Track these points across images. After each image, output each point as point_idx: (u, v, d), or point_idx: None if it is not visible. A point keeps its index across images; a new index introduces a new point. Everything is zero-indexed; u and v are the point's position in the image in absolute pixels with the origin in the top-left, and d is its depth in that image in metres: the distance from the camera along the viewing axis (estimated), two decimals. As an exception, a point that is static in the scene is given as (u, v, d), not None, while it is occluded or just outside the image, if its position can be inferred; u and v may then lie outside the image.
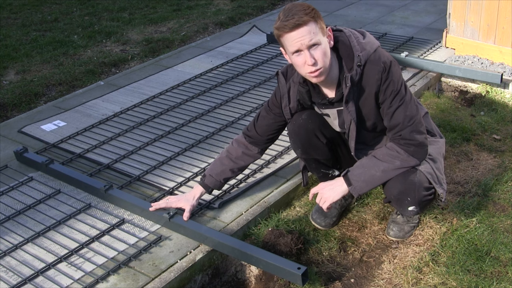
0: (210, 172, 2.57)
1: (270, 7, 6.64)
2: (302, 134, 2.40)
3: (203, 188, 2.59)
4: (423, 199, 2.34)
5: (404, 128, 2.21)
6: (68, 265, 2.38)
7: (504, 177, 2.91)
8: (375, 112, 2.25)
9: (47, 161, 3.02)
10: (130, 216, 2.68)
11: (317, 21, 2.06)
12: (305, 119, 2.39)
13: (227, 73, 4.29)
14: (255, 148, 2.55)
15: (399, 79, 2.19)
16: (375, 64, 2.15)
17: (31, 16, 6.76)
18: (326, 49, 2.10)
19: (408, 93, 2.22)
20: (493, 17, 3.95)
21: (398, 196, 2.35)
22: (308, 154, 2.47)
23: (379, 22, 5.22)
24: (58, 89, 4.62)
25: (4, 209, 2.79)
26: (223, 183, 2.61)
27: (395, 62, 2.21)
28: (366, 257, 2.51)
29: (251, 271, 2.49)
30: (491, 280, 2.25)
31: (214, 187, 2.59)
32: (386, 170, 2.27)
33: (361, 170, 2.30)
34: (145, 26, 6.17)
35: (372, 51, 2.18)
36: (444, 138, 2.56)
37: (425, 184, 2.30)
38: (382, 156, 2.28)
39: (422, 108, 2.49)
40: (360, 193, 2.33)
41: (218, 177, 2.56)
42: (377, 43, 2.22)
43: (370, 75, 2.16)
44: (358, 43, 2.17)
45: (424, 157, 2.29)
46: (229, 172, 2.57)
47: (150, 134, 3.43)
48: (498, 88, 3.87)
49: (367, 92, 2.19)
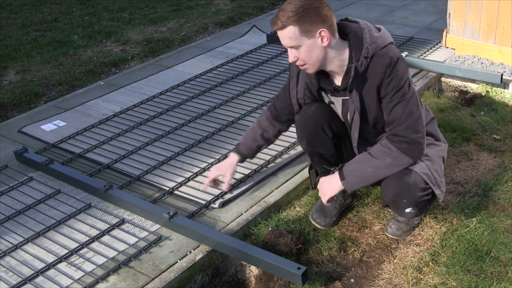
0: (244, 140, 2.67)
1: (270, 7, 6.64)
2: (310, 125, 2.41)
3: (237, 155, 2.66)
4: (419, 200, 2.33)
5: (400, 124, 2.21)
6: (68, 265, 2.38)
7: (504, 177, 2.91)
8: (376, 105, 2.25)
9: (47, 161, 3.02)
10: (130, 216, 2.68)
11: (300, 24, 2.10)
12: (314, 111, 2.40)
13: (227, 73, 4.29)
14: (277, 123, 2.63)
15: (403, 76, 2.19)
16: (381, 57, 2.16)
17: (31, 16, 6.75)
18: (310, 49, 2.15)
19: (411, 92, 2.22)
20: (493, 17, 3.95)
21: (393, 198, 2.35)
22: (313, 146, 2.47)
23: (379, 22, 5.22)
24: (58, 89, 4.62)
25: (4, 209, 2.79)
26: (256, 151, 2.69)
27: (403, 59, 2.21)
28: (366, 257, 2.51)
29: (251, 271, 2.49)
30: (491, 280, 2.25)
31: (248, 154, 2.68)
32: (378, 167, 2.27)
33: (355, 165, 2.31)
34: (145, 26, 6.17)
35: (382, 45, 2.19)
36: (447, 144, 2.54)
37: (421, 184, 2.29)
38: (375, 152, 2.29)
39: (429, 114, 2.49)
40: (353, 189, 2.34)
41: (251, 144, 2.65)
42: (389, 39, 2.24)
43: (375, 68, 2.17)
44: (370, 36, 2.19)
45: (419, 156, 2.28)
46: (260, 139, 2.65)
47: (150, 134, 3.43)
48: (498, 88, 3.87)
49: (370, 84, 2.20)
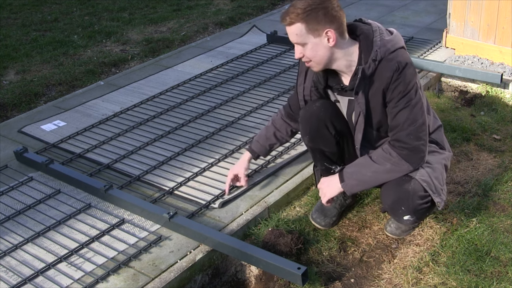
0: (257, 137, 2.72)
1: (270, 7, 6.64)
2: (313, 121, 2.41)
3: (250, 153, 2.71)
4: (418, 208, 2.32)
5: (403, 130, 2.20)
6: (68, 265, 2.38)
7: (504, 177, 2.91)
8: (381, 109, 2.24)
9: (47, 161, 3.02)
10: (130, 216, 2.68)
11: (307, 23, 2.11)
12: (319, 107, 2.39)
13: (227, 73, 4.29)
14: (292, 122, 2.65)
15: (410, 81, 2.16)
16: (390, 62, 2.15)
17: (31, 16, 6.76)
18: (315, 47, 2.16)
19: (417, 98, 2.19)
20: (493, 17, 3.95)
21: (392, 205, 2.35)
22: (315, 143, 2.46)
23: (379, 22, 5.15)
24: (58, 89, 4.62)
25: (4, 209, 2.79)
26: (269, 150, 2.73)
27: (412, 65, 2.19)
28: (366, 257, 2.51)
29: (251, 271, 2.49)
30: (491, 280, 2.25)
31: (260, 152, 2.73)
32: (377, 172, 2.26)
33: (355, 168, 2.31)
34: (145, 26, 6.17)
35: (393, 49, 2.18)
36: (452, 153, 2.52)
37: (420, 192, 2.28)
38: (376, 157, 2.28)
39: (437, 121, 2.47)
40: (352, 192, 2.33)
41: (264, 142, 2.70)
42: (400, 44, 2.22)
43: (383, 72, 2.16)
44: (380, 39, 2.19)
45: (419, 163, 2.26)
46: (273, 137, 2.69)
47: (150, 134, 3.43)
48: (498, 88, 3.87)
49: (377, 87, 2.19)
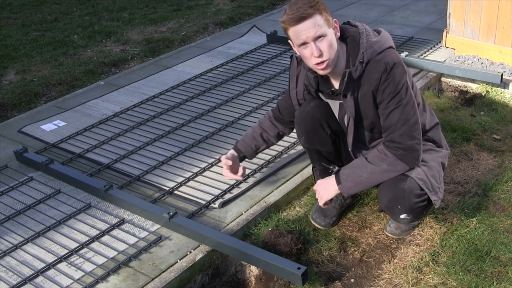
0: (243, 137, 2.66)
1: (270, 7, 6.64)
2: (308, 122, 2.41)
3: (235, 151, 2.64)
4: (414, 206, 2.32)
5: (396, 130, 2.20)
6: (68, 265, 2.38)
7: (504, 177, 2.91)
8: (373, 111, 2.24)
9: (47, 161, 3.02)
10: (130, 216, 2.68)
11: (322, 13, 2.09)
12: (313, 107, 2.40)
13: (227, 73, 4.29)
14: (280, 125, 2.62)
15: (399, 81, 2.16)
16: (377, 63, 2.15)
17: (31, 16, 6.75)
18: (332, 40, 2.12)
19: (407, 97, 2.19)
20: (493, 17, 3.95)
21: (388, 204, 2.35)
22: (311, 143, 2.47)
23: (379, 22, 5.22)
24: (58, 89, 4.62)
25: (4, 209, 2.79)
26: (254, 151, 2.66)
27: (401, 64, 2.17)
28: (366, 257, 2.51)
29: (251, 271, 2.49)
30: (491, 280, 2.25)
31: (246, 152, 2.65)
32: (373, 172, 2.26)
33: (351, 170, 2.31)
34: (145, 26, 6.17)
35: (380, 50, 2.17)
36: (449, 151, 2.52)
37: (416, 191, 2.28)
38: (372, 158, 2.28)
39: (434, 119, 2.47)
40: (349, 193, 2.33)
41: (250, 142, 2.64)
42: (388, 44, 2.20)
43: (370, 73, 2.16)
44: (367, 40, 2.17)
45: (415, 162, 2.26)
46: (259, 138, 2.63)
47: (150, 134, 3.43)
48: (498, 88, 3.87)
49: (366, 89, 2.19)
